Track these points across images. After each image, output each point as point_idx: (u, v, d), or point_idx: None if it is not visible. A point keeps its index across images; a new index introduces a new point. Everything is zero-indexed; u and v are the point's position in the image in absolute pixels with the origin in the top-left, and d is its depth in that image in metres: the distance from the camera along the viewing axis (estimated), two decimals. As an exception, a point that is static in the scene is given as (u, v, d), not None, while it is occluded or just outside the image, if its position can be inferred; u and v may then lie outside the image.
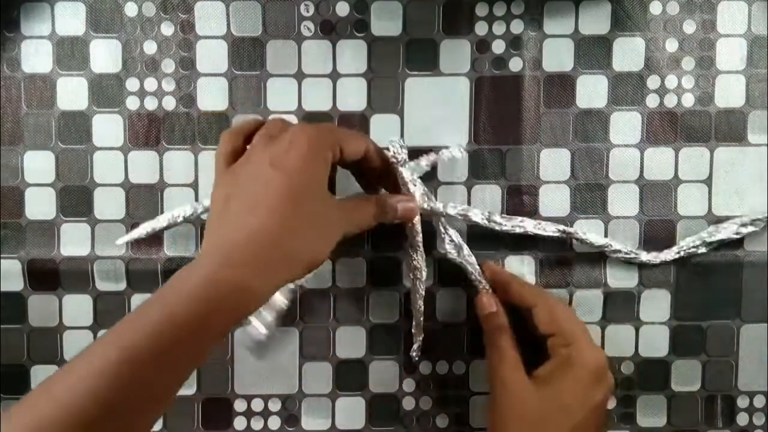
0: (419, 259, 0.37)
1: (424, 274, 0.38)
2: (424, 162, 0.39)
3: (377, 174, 0.36)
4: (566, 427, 0.33)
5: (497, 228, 0.38)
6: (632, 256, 0.39)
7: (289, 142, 0.31)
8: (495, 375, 0.35)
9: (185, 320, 0.27)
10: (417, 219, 0.37)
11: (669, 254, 0.39)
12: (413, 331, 0.39)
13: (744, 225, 0.39)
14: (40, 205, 0.40)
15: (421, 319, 0.39)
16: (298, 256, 0.30)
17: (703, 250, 0.39)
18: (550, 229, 0.38)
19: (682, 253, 0.39)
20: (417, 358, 0.40)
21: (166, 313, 0.28)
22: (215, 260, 0.29)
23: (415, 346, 0.39)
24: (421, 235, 0.37)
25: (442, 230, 0.38)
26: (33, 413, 0.26)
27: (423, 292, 0.38)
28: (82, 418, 0.26)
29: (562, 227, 0.39)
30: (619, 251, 0.39)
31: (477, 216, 0.38)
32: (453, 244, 0.38)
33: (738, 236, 0.39)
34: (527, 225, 0.38)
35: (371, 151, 0.34)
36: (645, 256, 0.39)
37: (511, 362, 0.35)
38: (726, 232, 0.39)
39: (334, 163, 0.32)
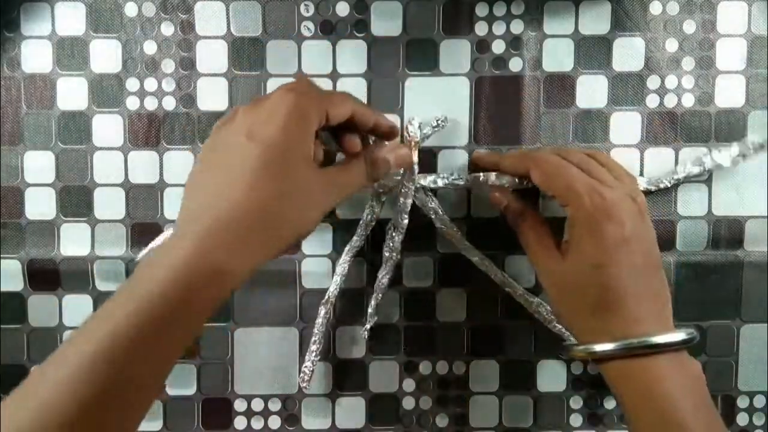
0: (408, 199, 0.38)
1: (405, 223, 0.38)
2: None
3: (365, 133, 0.35)
4: (601, 285, 0.31)
5: (461, 184, 0.38)
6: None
7: (268, 111, 0.29)
8: (529, 258, 0.35)
9: (162, 309, 0.26)
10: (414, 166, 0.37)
11: (665, 179, 0.39)
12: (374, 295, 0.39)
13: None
14: (40, 205, 0.40)
15: (386, 281, 0.39)
16: (279, 233, 0.29)
17: (696, 170, 0.38)
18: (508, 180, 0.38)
19: (678, 176, 0.39)
20: (371, 324, 0.40)
21: (141, 303, 0.26)
22: (191, 242, 0.27)
23: (370, 310, 0.40)
24: (416, 174, 0.37)
25: (419, 202, 0.39)
26: (11, 423, 0.25)
27: (398, 245, 0.38)
28: (64, 423, 0.25)
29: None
30: None
31: (441, 180, 0.38)
32: (429, 208, 0.38)
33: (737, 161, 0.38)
34: (490, 177, 0.38)
35: (358, 111, 0.32)
36: (642, 185, 0.39)
37: (535, 242, 0.34)
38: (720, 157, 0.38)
39: (319, 129, 0.30)
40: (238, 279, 0.28)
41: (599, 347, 0.31)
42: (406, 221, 0.38)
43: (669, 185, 0.39)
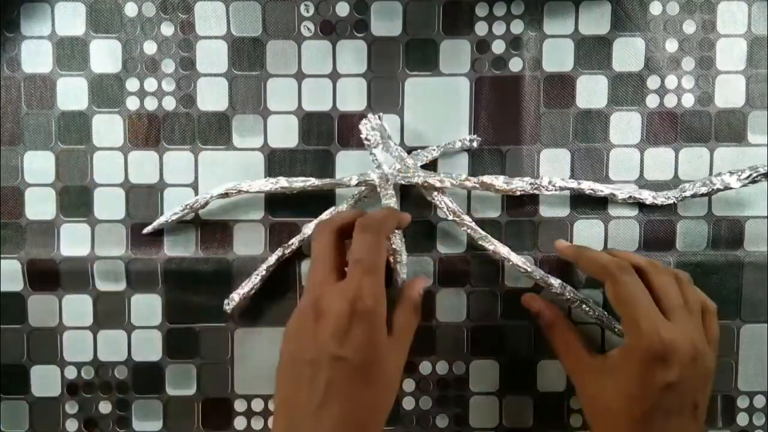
0: (398, 242, 0.38)
1: (404, 257, 0.38)
2: (435, 152, 0.39)
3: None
4: (633, 417, 0.32)
5: (469, 185, 0.39)
6: (636, 196, 0.39)
7: (346, 326, 0.31)
8: (561, 364, 0.37)
9: None
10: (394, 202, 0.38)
11: (673, 195, 0.39)
12: None
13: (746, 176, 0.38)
14: (40, 205, 0.40)
15: None
16: (382, 418, 0.33)
17: (703, 190, 0.39)
18: (517, 184, 0.38)
19: (686, 194, 0.39)
20: None
21: None
22: None
23: None
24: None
25: (437, 201, 0.39)
26: None
27: (404, 276, 0.38)
28: None
29: (530, 180, 0.39)
30: (617, 196, 0.39)
31: (448, 180, 0.38)
32: (450, 210, 0.39)
33: (738, 185, 0.38)
34: (497, 182, 0.38)
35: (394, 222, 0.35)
36: (648, 199, 0.39)
37: (568, 355, 0.36)
38: (726, 180, 0.38)
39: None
40: None
41: None
42: (400, 245, 0.38)
43: (676, 201, 0.39)
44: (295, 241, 0.39)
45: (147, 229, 0.40)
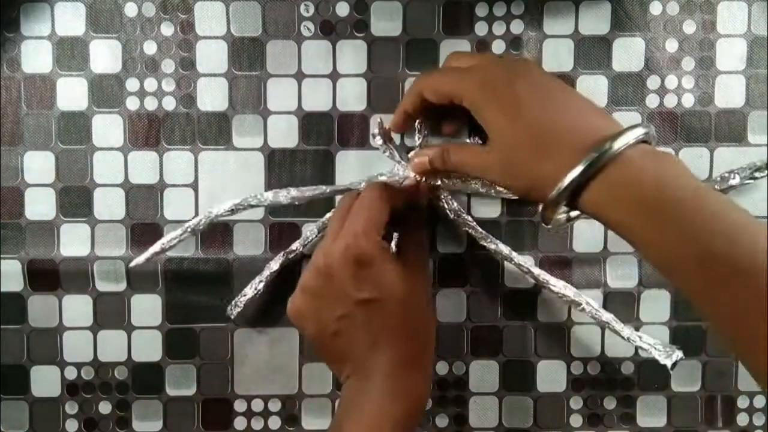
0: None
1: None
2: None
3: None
4: (534, 127, 0.30)
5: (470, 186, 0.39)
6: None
7: (353, 272, 0.32)
8: (477, 170, 0.35)
9: None
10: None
11: None
12: None
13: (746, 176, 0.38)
14: (40, 205, 0.40)
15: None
16: (430, 347, 0.35)
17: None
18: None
19: None
20: None
21: None
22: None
23: None
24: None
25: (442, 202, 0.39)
26: None
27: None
28: None
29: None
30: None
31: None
32: (451, 209, 0.39)
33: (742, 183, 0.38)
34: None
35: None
36: None
37: (467, 154, 0.35)
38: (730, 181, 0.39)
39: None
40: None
41: (568, 177, 0.28)
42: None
43: None
44: (298, 247, 0.39)
45: (141, 258, 0.38)
